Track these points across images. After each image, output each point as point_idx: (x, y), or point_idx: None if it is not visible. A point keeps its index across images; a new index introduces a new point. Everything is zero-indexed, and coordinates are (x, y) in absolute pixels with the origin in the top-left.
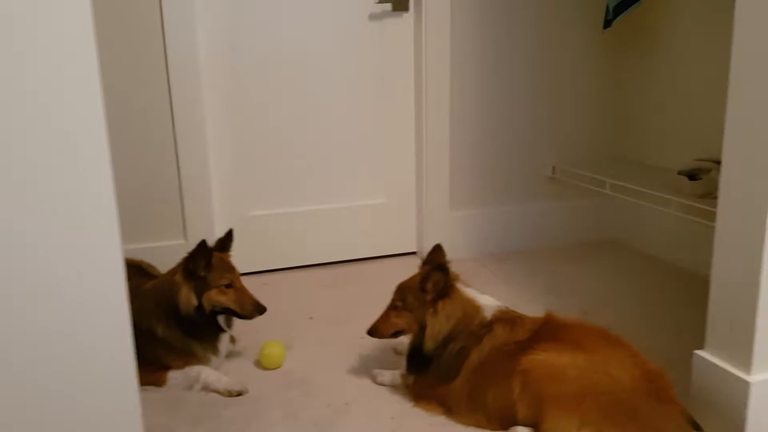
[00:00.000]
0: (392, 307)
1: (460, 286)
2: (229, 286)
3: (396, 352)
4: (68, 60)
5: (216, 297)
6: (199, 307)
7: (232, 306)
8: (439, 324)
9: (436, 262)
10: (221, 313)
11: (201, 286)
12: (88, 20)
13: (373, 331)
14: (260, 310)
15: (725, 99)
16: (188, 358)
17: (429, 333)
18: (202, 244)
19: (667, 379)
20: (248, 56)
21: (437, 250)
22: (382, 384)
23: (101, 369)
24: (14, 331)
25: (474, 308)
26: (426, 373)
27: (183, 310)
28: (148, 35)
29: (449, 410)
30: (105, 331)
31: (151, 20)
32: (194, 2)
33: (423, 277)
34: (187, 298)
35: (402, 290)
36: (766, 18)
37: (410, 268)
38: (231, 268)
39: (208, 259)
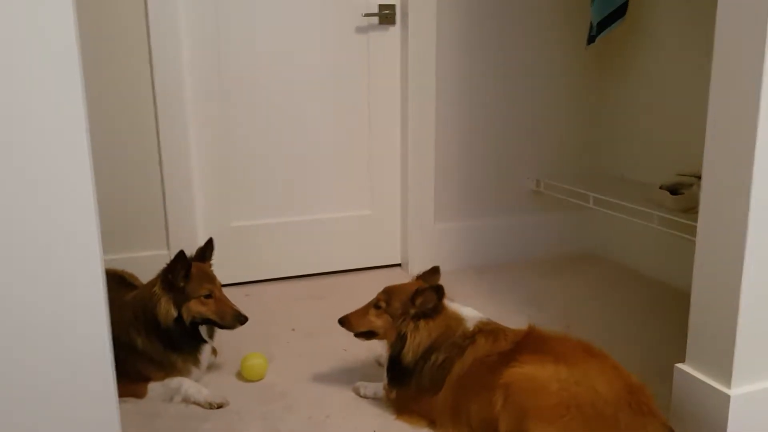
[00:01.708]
0: (374, 306)
1: (446, 302)
2: (208, 296)
3: (379, 364)
4: (52, 72)
5: (195, 308)
6: (179, 318)
7: (212, 316)
8: (420, 337)
9: (431, 282)
10: (202, 323)
11: (180, 297)
12: (72, 33)
13: (344, 321)
14: (241, 320)
15: (706, 114)
16: (168, 369)
17: (409, 345)
18: (181, 254)
19: (648, 392)
20: (234, 68)
21: (435, 271)
22: (365, 396)
23: (80, 380)
24: None
25: (457, 320)
26: (408, 386)
27: (162, 321)
28: (134, 48)
29: (433, 423)
30: (84, 341)
31: (137, 31)
32: (180, 13)
33: (417, 291)
34: (166, 309)
35: (390, 293)
36: (745, 35)
37: (395, 280)
38: (211, 278)
39: (187, 270)
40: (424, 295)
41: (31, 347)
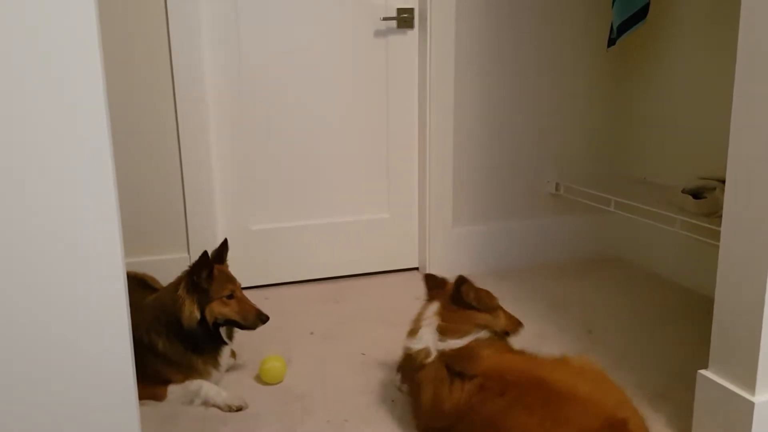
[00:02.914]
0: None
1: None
2: (230, 296)
3: (400, 390)
4: (74, 75)
5: (218, 308)
6: (202, 320)
7: (235, 316)
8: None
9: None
10: (223, 324)
11: (203, 299)
12: (94, 38)
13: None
14: (263, 318)
15: (729, 117)
16: (189, 372)
17: None
18: (204, 255)
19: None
20: (253, 73)
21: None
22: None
23: (100, 383)
24: (13, 342)
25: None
26: None
27: (186, 324)
28: (155, 51)
29: None
30: (105, 344)
31: (158, 37)
32: (200, 16)
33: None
34: (190, 311)
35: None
36: None
37: (412, 284)
38: (231, 279)
39: (210, 271)
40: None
41: (51, 349)
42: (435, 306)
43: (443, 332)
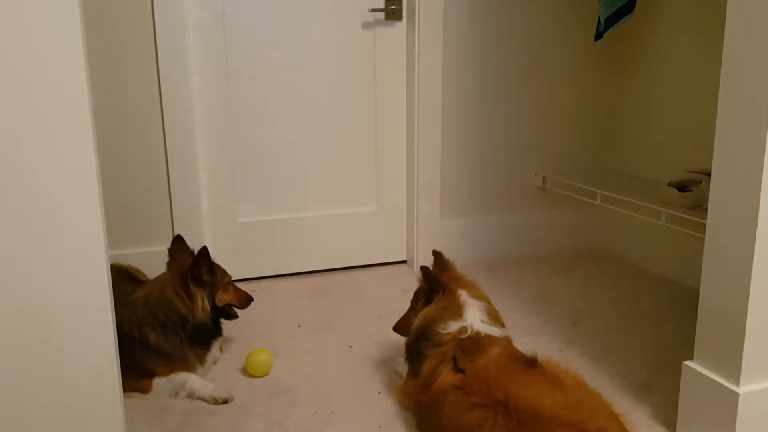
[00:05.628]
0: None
1: (460, 293)
2: (229, 283)
3: (396, 373)
4: (57, 65)
5: (222, 297)
6: (212, 308)
7: (234, 302)
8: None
9: (438, 268)
10: (221, 314)
11: (210, 290)
12: (76, 22)
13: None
14: (251, 300)
15: (715, 110)
16: (175, 364)
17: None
18: (204, 250)
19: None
20: (241, 64)
21: (437, 257)
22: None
23: (83, 375)
24: None
25: (454, 308)
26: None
27: (198, 316)
28: (140, 41)
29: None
30: (88, 336)
31: (144, 25)
32: (187, 10)
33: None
34: (202, 304)
35: (415, 294)
36: (756, 30)
37: (399, 277)
38: (222, 269)
39: (211, 264)
40: (418, 288)
41: (34, 342)
42: (466, 292)
43: (492, 317)
